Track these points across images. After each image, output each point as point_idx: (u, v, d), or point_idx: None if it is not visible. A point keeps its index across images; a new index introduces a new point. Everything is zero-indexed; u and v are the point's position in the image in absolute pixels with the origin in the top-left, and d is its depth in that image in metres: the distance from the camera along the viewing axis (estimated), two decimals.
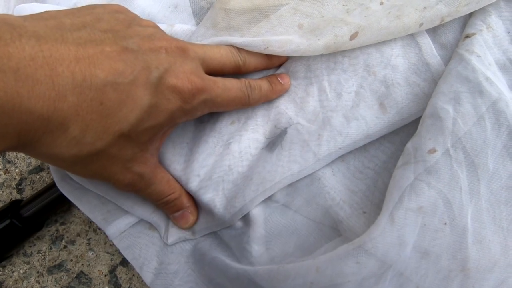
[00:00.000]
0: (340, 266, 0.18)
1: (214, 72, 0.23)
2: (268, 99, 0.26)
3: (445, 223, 0.18)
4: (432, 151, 0.19)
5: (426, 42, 0.26)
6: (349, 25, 0.24)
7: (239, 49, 0.24)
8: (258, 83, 0.25)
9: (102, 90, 0.18)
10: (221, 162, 0.25)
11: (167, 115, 0.21)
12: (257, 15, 0.25)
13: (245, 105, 0.24)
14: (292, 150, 0.24)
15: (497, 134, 0.19)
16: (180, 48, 0.21)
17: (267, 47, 0.24)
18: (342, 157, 0.25)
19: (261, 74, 0.27)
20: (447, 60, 0.25)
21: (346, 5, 0.25)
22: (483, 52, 0.23)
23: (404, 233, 0.17)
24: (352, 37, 0.24)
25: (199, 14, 0.28)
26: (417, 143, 0.20)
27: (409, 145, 0.21)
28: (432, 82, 0.25)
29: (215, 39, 0.24)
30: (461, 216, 0.18)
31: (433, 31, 0.26)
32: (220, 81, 0.23)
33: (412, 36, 0.26)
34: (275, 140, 0.25)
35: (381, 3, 0.25)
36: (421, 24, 0.24)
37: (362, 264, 0.17)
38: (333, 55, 0.26)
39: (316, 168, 0.24)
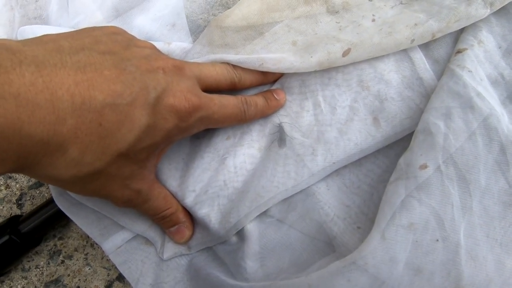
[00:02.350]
0: (331, 283, 0.18)
1: (210, 89, 0.24)
2: (264, 115, 0.26)
3: (437, 240, 0.18)
4: (424, 167, 0.19)
5: (419, 57, 0.26)
6: (342, 42, 0.24)
7: (234, 66, 0.25)
8: (254, 100, 0.25)
9: (101, 111, 0.18)
10: (217, 178, 0.25)
11: (164, 134, 0.21)
12: (252, 32, 0.26)
13: (241, 121, 0.25)
14: (286, 166, 0.24)
15: (488, 149, 0.19)
16: (177, 67, 0.22)
17: (262, 64, 0.25)
18: (337, 172, 0.25)
19: (257, 90, 0.27)
20: (439, 75, 0.25)
21: (339, 22, 0.26)
22: (475, 67, 0.23)
23: (396, 250, 0.17)
24: (345, 54, 0.24)
25: (196, 32, 0.29)
26: (409, 158, 0.20)
27: (401, 160, 0.21)
28: (425, 97, 0.25)
29: (210, 57, 0.25)
30: (454, 233, 0.18)
31: (426, 46, 0.27)
32: (217, 98, 0.23)
33: (405, 51, 0.26)
34: (269, 155, 0.25)
35: (373, 20, 0.25)
36: (412, 40, 0.24)
37: (354, 282, 0.17)
38: (327, 71, 0.26)
39: (310, 183, 0.24)
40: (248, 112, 0.25)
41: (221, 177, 0.25)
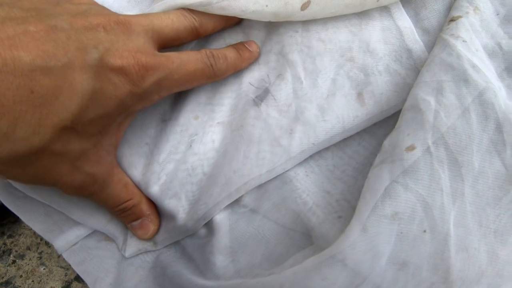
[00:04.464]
0: (306, 281, 0.16)
1: (170, 42, 0.21)
2: (237, 69, 0.23)
3: (425, 230, 0.16)
4: (411, 148, 0.17)
5: (408, 26, 0.24)
6: None
7: (191, 10, 0.22)
8: (223, 52, 0.22)
9: (30, 76, 0.15)
10: (184, 163, 0.22)
11: (116, 102, 0.18)
12: None
13: (210, 77, 0.22)
14: (261, 148, 0.22)
15: (483, 128, 0.17)
16: (122, 23, 0.19)
17: (207, 5, 0.22)
18: (318, 154, 0.22)
19: (224, 44, 0.24)
20: (430, 47, 0.23)
21: None
22: (470, 37, 0.21)
23: (378, 243, 0.15)
24: (304, 7, 0.22)
25: None
26: (395, 139, 0.18)
27: (386, 141, 0.18)
28: (414, 70, 0.23)
29: (155, 7, 0.22)
30: (443, 222, 0.16)
31: (415, 15, 0.24)
32: (175, 55, 0.20)
33: (392, 20, 0.24)
34: (242, 135, 0.22)
35: None
36: None
37: (331, 279, 0.15)
38: (307, 39, 0.24)
39: (287, 168, 0.21)
40: (217, 66, 0.22)
41: (189, 162, 0.22)
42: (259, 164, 0.21)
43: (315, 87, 0.23)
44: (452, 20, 0.22)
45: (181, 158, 0.22)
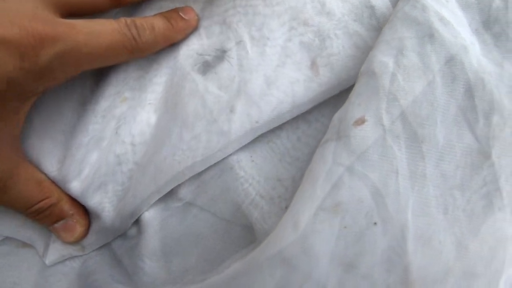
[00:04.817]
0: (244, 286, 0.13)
1: (80, 10, 0.18)
2: (170, 41, 0.20)
3: (375, 223, 0.12)
4: (360, 121, 0.13)
5: None
6: None
7: None
8: (149, 22, 0.19)
9: None
10: (110, 152, 0.19)
11: (6, 81, 0.15)
12: None
13: (134, 52, 0.18)
14: (195, 129, 0.18)
15: (450, 92, 0.14)
16: None
17: None
18: (266, 137, 0.19)
19: (155, 10, 0.20)
20: (395, 3, 0.19)
21: None
22: None
23: (315, 242, 0.12)
24: None
25: None
26: (344, 111, 0.15)
27: (336, 115, 0.15)
28: (377, 31, 0.19)
29: None
30: (398, 212, 0.13)
31: None
32: (82, 24, 0.17)
33: None
34: (176, 115, 0.19)
35: None
36: None
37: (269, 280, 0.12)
38: (252, 1, 0.20)
39: (228, 153, 0.18)
40: (142, 38, 0.18)
41: (115, 151, 0.19)
42: (193, 150, 0.18)
43: (262, 56, 0.19)
44: None
45: (106, 146, 0.19)
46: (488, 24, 0.16)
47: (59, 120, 0.19)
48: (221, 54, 0.20)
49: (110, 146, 0.19)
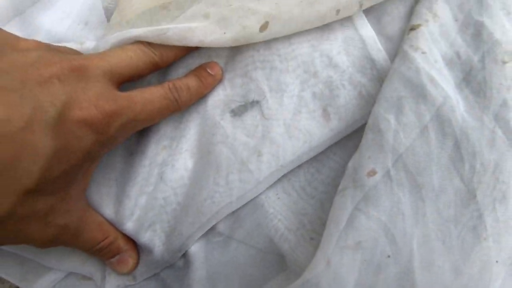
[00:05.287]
0: None
1: (130, 79, 0.21)
2: (201, 96, 0.23)
3: (389, 256, 0.16)
4: (372, 173, 0.17)
5: (370, 35, 0.23)
6: (258, 14, 0.21)
7: (149, 43, 0.21)
8: (185, 83, 0.22)
9: None
10: (156, 196, 0.22)
11: (82, 154, 0.18)
12: (156, 9, 0.23)
13: (175, 111, 0.22)
14: (230, 173, 0.22)
15: (441, 145, 0.17)
16: (77, 69, 0.18)
17: (165, 34, 0.21)
18: (287, 176, 0.22)
19: (186, 69, 0.24)
20: (393, 55, 0.23)
21: None
22: (429, 47, 0.21)
23: (342, 273, 0.16)
24: (262, 28, 0.22)
25: None
26: (357, 161, 0.18)
27: (350, 163, 0.19)
28: (378, 82, 0.23)
29: (108, 40, 0.21)
30: (405, 245, 0.16)
31: (377, 22, 0.24)
32: (138, 96, 0.20)
33: (354, 29, 0.24)
34: (211, 161, 0.22)
35: None
36: (338, 11, 0.22)
37: None
38: (269, 57, 0.23)
39: (258, 192, 0.22)
40: (181, 98, 0.22)
41: (160, 194, 0.22)
42: (229, 191, 0.21)
43: (281, 106, 0.23)
44: (412, 28, 0.22)
45: (153, 190, 0.22)
46: (468, 81, 0.20)
47: (112, 170, 0.23)
48: (244, 104, 0.24)
49: (155, 190, 0.22)
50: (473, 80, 0.19)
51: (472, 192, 0.17)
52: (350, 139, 0.23)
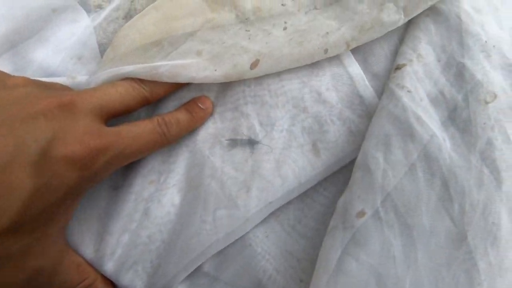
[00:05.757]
0: None
1: (119, 114, 0.21)
2: (190, 130, 0.23)
3: None
4: (361, 214, 0.16)
5: (358, 72, 0.24)
6: (249, 52, 0.22)
7: (140, 79, 0.21)
8: (175, 117, 0.22)
9: None
10: (139, 233, 0.21)
11: (64, 191, 0.17)
12: (149, 46, 0.23)
13: (163, 145, 0.22)
14: (217, 210, 0.21)
15: (430, 185, 0.17)
16: (64, 106, 0.18)
17: (156, 72, 0.21)
18: (275, 213, 0.22)
19: (177, 101, 0.24)
20: (380, 92, 0.23)
21: (248, 31, 0.23)
22: (414, 86, 0.21)
23: None
24: (253, 66, 0.22)
25: None
26: (347, 201, 0.18)
27: (340, 202, 0.18)
28: (366, 117, 0.23)
29: (100, 76, 0.21)
30: None
31: (364, 60, 0.25)
32: (126, 130, 0.20)
33: (342, 67, 0.24)
34: (198, 196, 0.22)
35: (284, 28, 0.23)
36: (326, 50, 0.22)
37: None
38: (260, 92, 0.24)
39: (246, 229, 0.21)
40: (170, 132, 0.21)
41: (145, 232, 0.21)
42: (216, 228, 0.21)
43: (271, 140, 0.23)
44: (397, 68, 0.23)
45: (137, 227, 0.21)
46: (454, 119, 0.20)
47: (95, 206, 0.22)
48: (234, 138, 0.23)
49: (139, 227, 0.21)
50: (458, 118, 0.20)
51: (463, 234, 0.16)
52: (341, 174, 0.22)
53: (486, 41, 0.22)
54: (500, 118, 0.19)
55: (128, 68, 0.21)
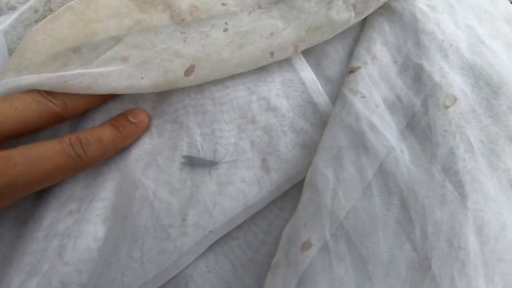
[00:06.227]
0: None
1: (18, 134, 0.17)
2: (119, 148, 0.19)
3: None
4: (307, 246, 0.14)
5: (310, 77, 0.22)
6: (183, 57, 0.19)
7: (48, 92, 0.18)
8: (95, 134, 0.18)
9: None
10: (50, 278, 0.17)
11: None
12: (64, 51, 0.20)
13: (80, 169, 0.18)
14: (146, 243, 0.18)
15: (387, 205, 0.15)
16: None
17: (65, 82, 0.18)
18: (219, 242, 0.19)
19: (106, 114, 0.20)
20: (334, 98, 0.21)
21: (184, 33, 0.20)
22: (369, 91, 0.19)
23: None
24: (188, 72, 0.19)
25: None
26: (292, 229, 0.15)
27: (285, 231, 0.15)
28: (321, 127, 0.20)
29: None
30: None
31: (317, 64, 0.22)
32: (20, 155, 0.16)
33: (293, 71, 0.22)
34: (126, 228, 0.18)
35: (225, 30, 0.20)
36: (271, 53, 0.20)
37: None
38: (201, 102, 0.21)
39: (182, 266, 0.18)
40: (88, 154, 0.18)
41: (56, 276, 0.17)
42: (144, 267, 0.17)
43: (214, 157, 0.20)
44: (351, 71, 0.20)
45: (48, 270, 0.18)
46: (413, 128, 0.18)
47: None
48: (172, 154, 0.20)
49: (52, 269, 0.17)
50: (417, 126, 0.18)
51: (426, 262, 0.14)
52: (298, 190, 0.20)
53: (443, 40, 0.20)
54: (461, 124, 0.17)
55: (30, 79, 0.17)
